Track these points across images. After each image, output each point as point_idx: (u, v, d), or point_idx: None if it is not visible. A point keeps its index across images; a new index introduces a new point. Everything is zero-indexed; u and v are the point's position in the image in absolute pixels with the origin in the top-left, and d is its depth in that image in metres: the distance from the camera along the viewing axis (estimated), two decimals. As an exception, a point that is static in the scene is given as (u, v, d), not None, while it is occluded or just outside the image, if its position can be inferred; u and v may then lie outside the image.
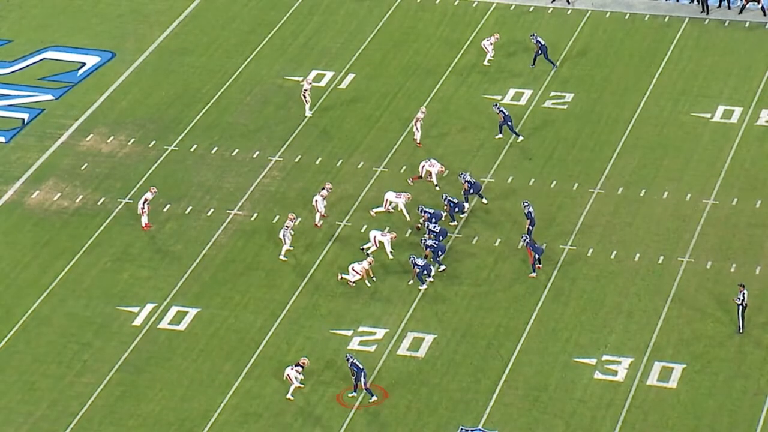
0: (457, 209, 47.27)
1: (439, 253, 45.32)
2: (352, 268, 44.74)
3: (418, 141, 50.64)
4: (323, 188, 47.51)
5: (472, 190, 47.76)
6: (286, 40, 57.56)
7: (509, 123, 51.02)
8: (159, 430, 40.67)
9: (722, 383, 41.65)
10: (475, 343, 43.18)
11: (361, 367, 41.05)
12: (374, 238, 45.90)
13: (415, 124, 50.58)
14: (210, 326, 44.08)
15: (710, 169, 49.97)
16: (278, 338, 43.59)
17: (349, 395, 41.37)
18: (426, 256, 45.31)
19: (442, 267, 45.46)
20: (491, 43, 55.34)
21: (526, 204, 46.43)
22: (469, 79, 55.00)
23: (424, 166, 49.28)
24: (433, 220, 46.30)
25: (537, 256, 44.87)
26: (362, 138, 52.06)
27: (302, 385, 41.34)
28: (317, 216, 47.25)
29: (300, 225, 47.45)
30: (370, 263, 44.92)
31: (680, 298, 44.60)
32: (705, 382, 41.72)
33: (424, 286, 44.76)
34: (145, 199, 47.60)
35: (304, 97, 52.67)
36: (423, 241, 45.60)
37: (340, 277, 45.07)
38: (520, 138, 51.18)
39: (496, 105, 51.54)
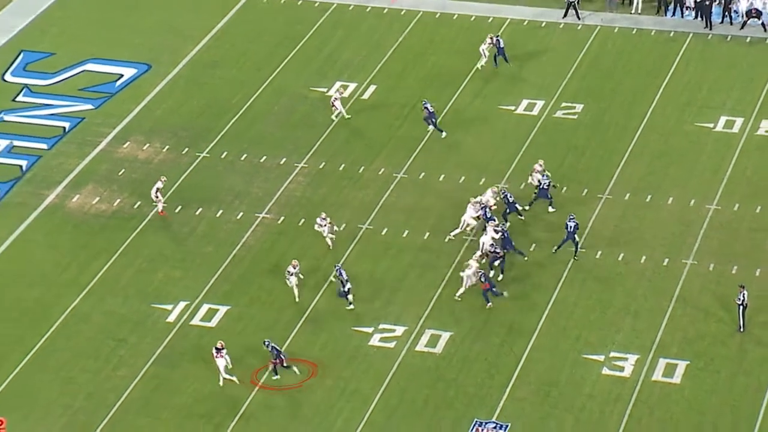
0: (509, 210, 46.68)
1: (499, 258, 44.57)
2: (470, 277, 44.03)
3: None
4: (323, 218, 46.19)
5: (508, 210, 47.11)
6: (311, 53, 57.40)
7: (434, 120, 51.11)
8: (190, 422, 40.55)
9: (724, 380, 41.35)
10: (489, 341, 42.93)
11: (279, 349, 41.04)
12: (483, 244, 45.02)
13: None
14: (239, 323, 43.92)
15: (713, 177, 49.64)
16: (303, 335, 43.40)
17: (274, 378, 41.24)
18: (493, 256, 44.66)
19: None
20: (486, 48, 55.12)
21: (571, 217, 45.65)
22: (485, 91, 54.75)
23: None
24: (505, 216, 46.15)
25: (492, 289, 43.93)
26: (383, 145, 51.85)
27: (230, 377, 40.98)
28: (328, 240, 46.35)
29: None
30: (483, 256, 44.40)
31: (684, 299, 44.29)
32: (708, 378, 41.42)
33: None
34: (157, 188, 47.75)
35: (333, 105, 52.49)
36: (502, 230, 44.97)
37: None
38: (444, 134, 51.20)
39: (425, 102, 51.45)
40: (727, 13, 58.29)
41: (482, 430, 39.89)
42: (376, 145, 51.97)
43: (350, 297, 43.88)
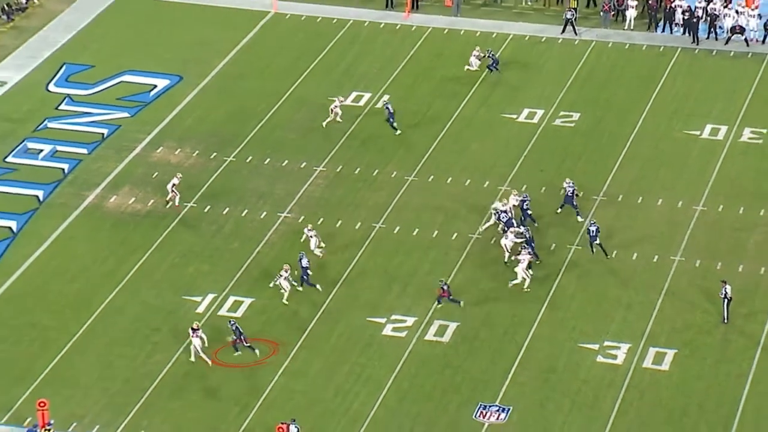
0: (524, 218, 46.46)
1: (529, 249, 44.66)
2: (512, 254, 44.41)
3: None
4: (309, 229, 46.02)
5: (524, 217, 47.04)
6: (330, 66, 57.55)
7: (391, 119, 51.58)
8: (218, 404, 40.71)
9: (709, 367, 41.42)
10: (493, 331, 43.04)
11: (241, 330, 41.53)
12: (506, 246, 45.18)
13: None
14: (262, 314, 44.08)
15: (699, 180, 49.71)
16: (321, 324, 43.55)
17: (235, 354, 41.68)
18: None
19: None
20: (476, 57, 55.25)
21: (592, 222, 45.74)
22: (489, 100, 54.88)
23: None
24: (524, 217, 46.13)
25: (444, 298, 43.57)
26: (395, 151, 52.00)
27: (203, 356, 41.40)
28: (318, 252, 45.85)
29: (340, 227, 47.45)
30: (518, 235, 44.66)
31: (673, 292, 44.36)
32: (694, 365, 41.50)
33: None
34: (173, 184, 48.24)
35: (332, 112, 52.64)
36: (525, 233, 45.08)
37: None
38: (398, 132, 51.77)
39: (386, 103, 52.00)
40: (712, 30, 58.35)
41: (486, 412, 40.00)
42: (388, 150, 52.11)
43: (305, 281, 44.08)
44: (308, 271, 44.38)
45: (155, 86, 56.54)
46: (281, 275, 44.06)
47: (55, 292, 45.35)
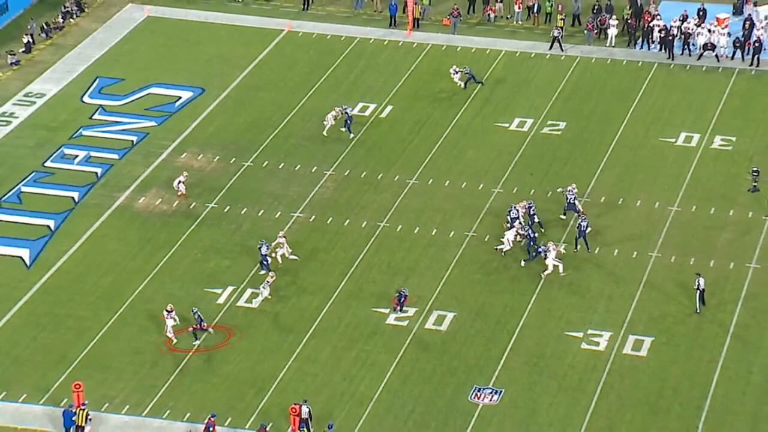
0: (530, 222, 46.22)
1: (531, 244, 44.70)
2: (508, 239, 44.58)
3: None
4: (281, 236, 45.73)
5: (530, 221, 46.93)
6: (338, 79, 57.51)
7: (348, 123, 51.75)
8: (237, 387, 40.69)
9: (683, 353, 41.38)
10: (487, 320, 43.00)
11: (202, 318, 41.68)
12: (508, 240, 45.21)
13: None
14: (277, 305, 44.04)
15: (674, 183, 49.64)
16: (330, 315, 43.52)
17: (194, 343, 41.65)
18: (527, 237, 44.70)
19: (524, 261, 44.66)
20: (454, 72, 55.16)
21: (584, 218, 45.67)
22: (483, 111, 54.83)
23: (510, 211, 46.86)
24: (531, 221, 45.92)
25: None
26: (398, 156, 51.95)
27: (172, 335, 41.65)
28: (287, 254, 45.68)
29: (348, 226, 47.34)
30: (517, 230, 44.74)
31: (650, 285, 44.31)
32: (669, 351, 41.45)
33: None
34: (179, 181, 48.65)
35: (329, 120, 52.41)
36: (526, 231, 44.95)
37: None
38: (352, 135, 51.91)
39: (345, 108, 51.82)
40: (686, 46, 58.31)
41: (480, 394, 39.98)
42: (392, 156, 52.06)
43: (264, 267, 44.59)
44: (268, 258, 44.39)
45: (180, 98, 56.52)
46: (267, 282, 43.78)
47: (89, 285, 45.35)
